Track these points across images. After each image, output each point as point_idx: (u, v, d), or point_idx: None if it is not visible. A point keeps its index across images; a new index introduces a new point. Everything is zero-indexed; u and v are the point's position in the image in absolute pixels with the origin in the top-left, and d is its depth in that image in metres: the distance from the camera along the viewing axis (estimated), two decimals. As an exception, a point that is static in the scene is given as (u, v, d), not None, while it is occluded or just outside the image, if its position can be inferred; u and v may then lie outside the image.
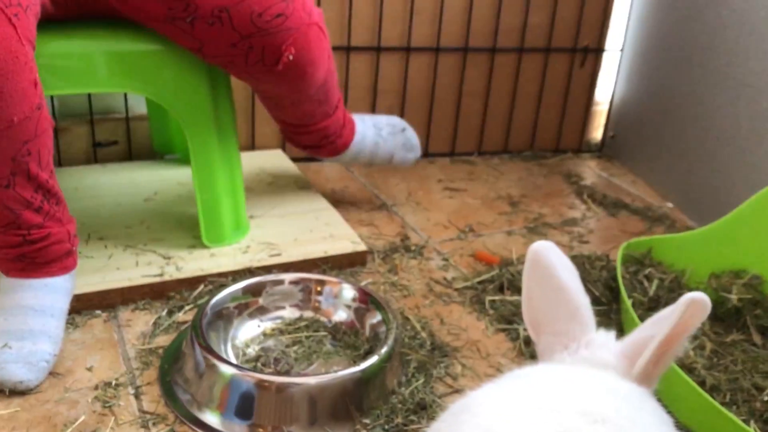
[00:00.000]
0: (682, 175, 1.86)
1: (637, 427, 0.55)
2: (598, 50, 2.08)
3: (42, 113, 1.01)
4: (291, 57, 1.19)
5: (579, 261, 1.43)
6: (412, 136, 1.65)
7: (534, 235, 1.65)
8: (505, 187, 1.91)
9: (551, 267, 0.71)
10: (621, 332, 0.95)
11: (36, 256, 1.08)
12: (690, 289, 1.31)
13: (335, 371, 1.06)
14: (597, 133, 2.25)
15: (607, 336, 0.72)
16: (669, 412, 0.65)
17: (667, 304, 1.29)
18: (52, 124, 1.05)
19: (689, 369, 1.13)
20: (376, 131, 1.60)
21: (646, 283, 1.32)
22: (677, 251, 1.39)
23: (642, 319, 1.22)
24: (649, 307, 1.29)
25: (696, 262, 1.36)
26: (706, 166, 1.76)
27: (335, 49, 1.82)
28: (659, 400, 0.67)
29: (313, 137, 1.51)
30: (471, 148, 2.11)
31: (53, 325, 1.08)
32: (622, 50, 2.10)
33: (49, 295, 1.09)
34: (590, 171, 2.09)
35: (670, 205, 1.89)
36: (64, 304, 1.12)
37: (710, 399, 0.98)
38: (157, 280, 1.26)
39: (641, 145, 2.06)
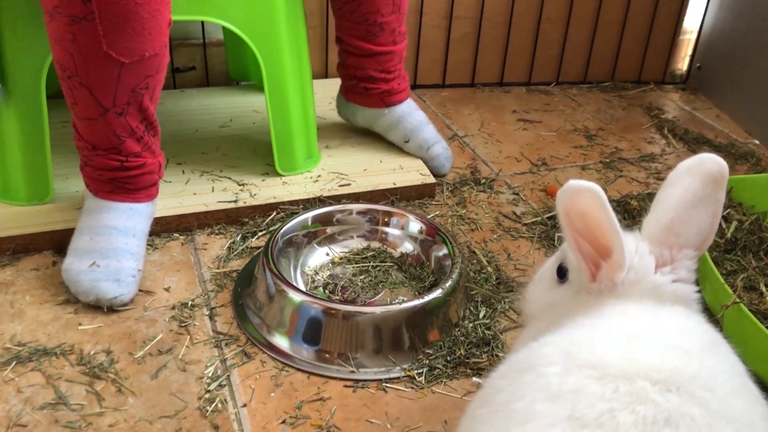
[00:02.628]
0: (771, 110, 1.77)
1: (712, 394, 0.53)
2: (690, -25, 1.97)
3: (167, 51, 1.07)
4: None
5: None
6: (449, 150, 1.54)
7: (609, 170, 1.61)
8: (581, 119, 1.86)
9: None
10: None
11: (127, 182, 1.14)
12: (771, 233, 1.27)
13: (400, 302, 1.08)
14: (682, 64, 2.14)
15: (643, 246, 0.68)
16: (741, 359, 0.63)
17: (746, 247, 1.25)
18: (168, 60, 1.10)
19: (765, 315, 1.10)
20: (427, 118, 1.52)
21: (723, 225, 1.28)
22: (760, 192, 1.33)
23: (716, 262, 1.19)
24: (726, 249, 1.25)
25: (779, 204, 1.30)
26: (798, 102, 1.66)
27: (411, -26, 1.78)
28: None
29: (371, 65, 1.43)
30: (548, 78, 2.05)
31: (134, 243, 1.14)
32: (715, -25, 1.98)
33: (133, 218, 1.15)
34: (672, 104, 2.01)
35: (756, 141, 1.80)
36: (145, 227, 1.18)
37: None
38: (232, 206, 1.30)
39: (729, 77, 1.96)
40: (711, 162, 0.67)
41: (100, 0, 0.95)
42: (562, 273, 0.74)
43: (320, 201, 1.33)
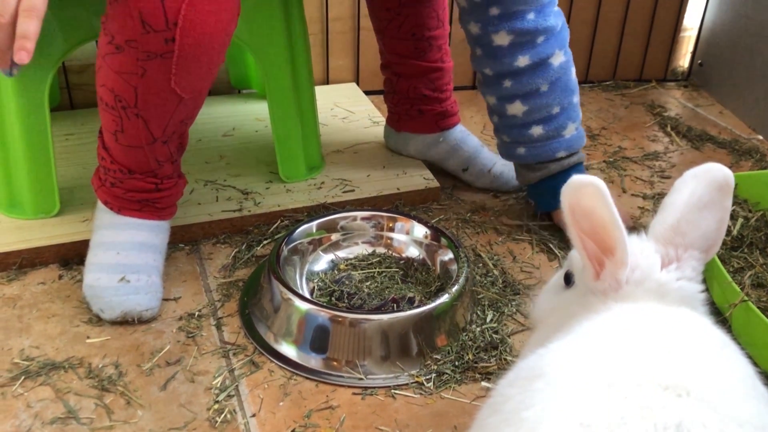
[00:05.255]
0: (774, 106, 1.76)
1: (722, 398, 0.52)
2: (689, -28, 1.96)
3: None
4: None
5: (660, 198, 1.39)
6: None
7: (613, 169, 1.61)
8: (584, 119, 1.86)
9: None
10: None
11: (157, 202, 1.14)
12: (777, 229, 1.26)
13: (407, 308, 1.08)
14: (684, 61, 2.14)
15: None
16: (748, 357, 0.62)
17: (752, 244, 1.25)
18: None
19: (772, 312, 1.10)
20: (480, 142, 1.50)
21: (729, 222, 1.27)
22: (765, 188, 1.33)
23: (723, 259, 1.19)
24: (732, 246, 1.25)
25: (785, 200, 1.30)
26: (801, 97, 1.66)
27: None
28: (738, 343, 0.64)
29: (424, 84, 1.42)
30: (549, 78, 2.04)
31: (161, 260, 1.15)
32: (714, -29, 1.97)
33: (160, 235, 1.16)
34: (675, 101, 2.00)
35: (759, 137, 1.80)
36: (166, 242, 1.19)
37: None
38: (236, 215, 1.30)
39: (731, 73, 1.95)
40: (717, 170, 0.68)
41: (185, 41, 0.94)
42: (568, 279, 0.74)
43: (324, 208, 1.33)
